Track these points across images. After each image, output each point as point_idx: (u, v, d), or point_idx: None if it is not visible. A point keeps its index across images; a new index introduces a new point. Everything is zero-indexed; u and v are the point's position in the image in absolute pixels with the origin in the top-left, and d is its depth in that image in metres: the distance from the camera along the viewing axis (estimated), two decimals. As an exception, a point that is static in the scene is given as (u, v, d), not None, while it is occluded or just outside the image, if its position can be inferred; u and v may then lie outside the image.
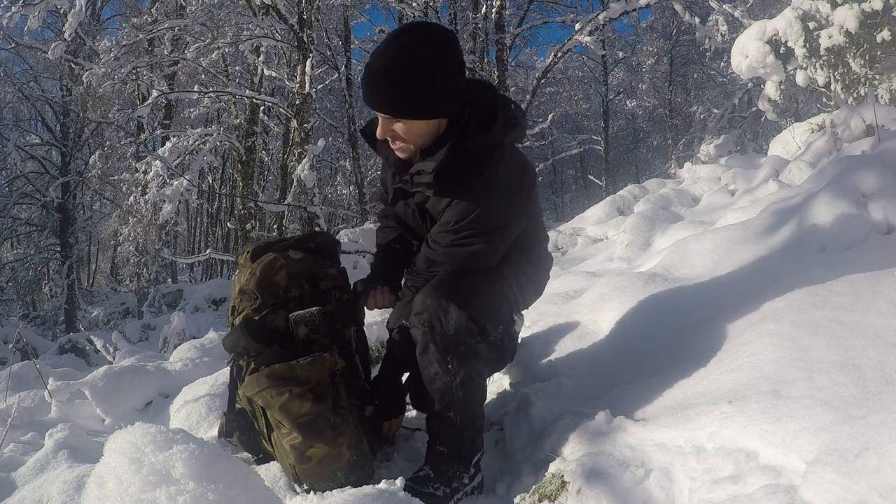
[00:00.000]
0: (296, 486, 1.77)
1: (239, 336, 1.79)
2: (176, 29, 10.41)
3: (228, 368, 1.99)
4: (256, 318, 1.80)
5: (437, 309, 1.69)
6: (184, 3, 11.22)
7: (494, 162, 1.70)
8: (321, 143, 7.63)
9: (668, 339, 2.16)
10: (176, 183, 8.10)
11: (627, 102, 27.23)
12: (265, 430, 1.81)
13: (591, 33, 9.94)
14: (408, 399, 2.05)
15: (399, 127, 1.68)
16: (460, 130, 1.67)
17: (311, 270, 1.87)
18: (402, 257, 2.03)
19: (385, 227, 2.13)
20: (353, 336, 1.97)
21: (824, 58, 4.97)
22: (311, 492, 1.71)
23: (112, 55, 9.44)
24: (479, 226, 1.73)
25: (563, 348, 2.49)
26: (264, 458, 1.91)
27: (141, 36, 10.20)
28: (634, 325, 2.42)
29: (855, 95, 5.02)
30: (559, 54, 10.68)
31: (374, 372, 2.07)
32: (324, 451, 1.70)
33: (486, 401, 1.95)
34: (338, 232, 8.14)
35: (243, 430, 1.92)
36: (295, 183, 7.86)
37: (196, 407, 2.44)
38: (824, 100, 6.02)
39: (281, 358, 1.75)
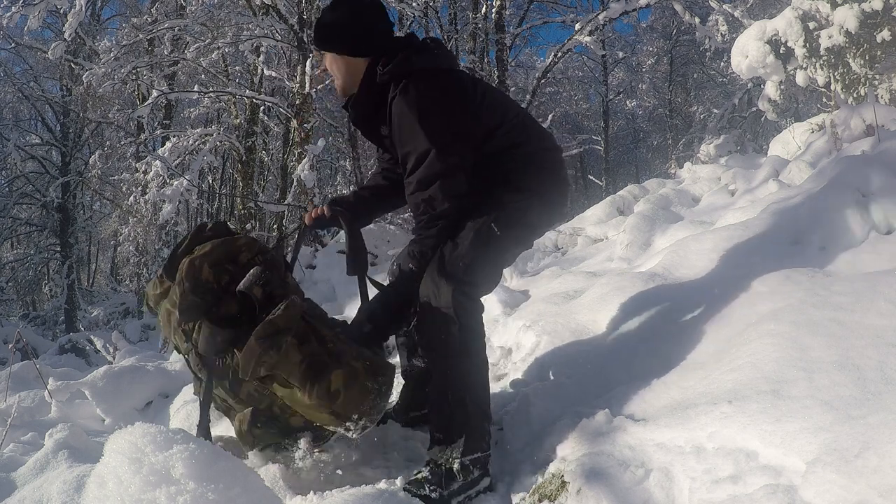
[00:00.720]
0: (350, 425, 1.73)
1: (209, 335, 1.77)
2: (176, 29, 10.40)
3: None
4: (214, 317, 1.79)
5: (431, 285, 1.84)
6: (184, 3, 11.20)
7: (402, 88, 1.85)
8: (321, 143, 7.64)
9: (668, 339, 2.16)
10: (176, 183, 8.11)
11: (627, 102, 27.16)
12: (286, 413, 1.80)
13: (591, 33, 9.94)
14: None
15: (327, 60, 2.03)
16: (370, 68, 1.95)
17: (225, 252, 1.87)
18: (371, 193, 2.27)
19: (375, 174, 2.34)
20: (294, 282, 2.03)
21: (824, 58, 4.97)
22: (313, 492, 1.71)
23: (112, 55, 9.43)
24: (417, 152, 1.84)
25: (563, 348, 2.49)
26: (304, 428, 1.87)
27: (141, 36, 10.20)
28: (634, 325, 2.42)
29: (855, 95, 5.02)
30: (559, 54, 10.67)
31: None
32: (340, 376, 1.71)
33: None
34: (337, 232, 8.13)
35: (267, 425, 1.87)
36: (295, 183, 7.87)
37: (196, 407, 2.43)
38: (824, 100, 6.02)
39: (256, 324, 1.74)
